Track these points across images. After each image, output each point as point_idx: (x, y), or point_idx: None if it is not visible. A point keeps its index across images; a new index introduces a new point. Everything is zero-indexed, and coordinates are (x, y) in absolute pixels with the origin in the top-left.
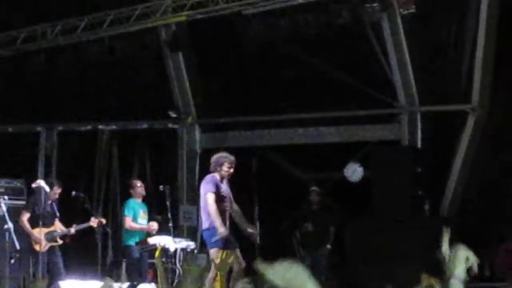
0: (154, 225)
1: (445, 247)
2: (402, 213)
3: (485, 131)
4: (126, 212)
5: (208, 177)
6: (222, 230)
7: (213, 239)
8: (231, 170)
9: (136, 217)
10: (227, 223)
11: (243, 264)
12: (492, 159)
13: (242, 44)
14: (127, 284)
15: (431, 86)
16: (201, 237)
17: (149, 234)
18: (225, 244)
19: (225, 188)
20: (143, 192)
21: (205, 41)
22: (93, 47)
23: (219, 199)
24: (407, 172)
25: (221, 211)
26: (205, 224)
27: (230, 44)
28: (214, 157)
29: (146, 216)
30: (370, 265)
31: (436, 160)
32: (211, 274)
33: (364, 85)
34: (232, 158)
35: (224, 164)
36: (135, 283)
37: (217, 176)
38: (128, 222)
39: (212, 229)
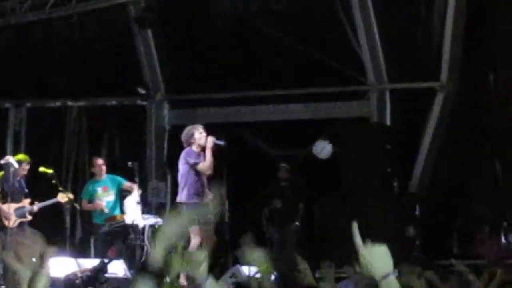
0: (101, 204)
1: (358, 243)
2: (371, 190)
3: (454, 108)
4: (82, 195)
5: (187, 150)
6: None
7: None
8: (204, 134)
9: (93, 198)
10: (204, 195)
11: (214, 238)
12: (461, 136)
13: (211, 20)
14: (97, 261)
15: (400, 63)
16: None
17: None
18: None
19: (202, 159)
20: (103, 168)
21: (175, 17)
22: (62, 23)
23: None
24: (376, 149)
25: (201, 184)
26: (180, 197)
27: (199, 20)
28: (183, 133)
29: (109, 191)
30: (338, 242)
31: (405, 138)
32: (193, 243)
33: (333, 62)
34: (200, 125)
35: (194, 133)
36: (106, 260)
37: (194, 147)
38: (82, 205)
39: (189, 205)
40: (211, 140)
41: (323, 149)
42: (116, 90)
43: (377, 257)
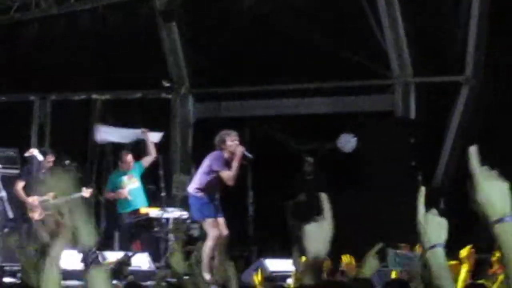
0: (124, 192)
1: (421, 210)
2: (395, 184)
3: (478, 102)
4: (106, 186)
5: (216, 154)
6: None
7: (206, 210)
8: (236, 142)
9: (118, 187)
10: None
11: (225, 232)
12: (486, 130)
13: (236, 13)
14: (121, 254)
15: (425, 56)
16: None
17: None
18: (216, 213)
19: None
20: (131, 165)
21: (200, 10)
22: (87, 16)
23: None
24: (400, 143)
25: (213, 187)
26: (190, 187)
27: (224, 14)
28: (216, 136)
29: (133, 178)
30: (361, 236)
31: (429, 131)
32: (209, 243)
33: (358, 56)
34: (234, 132)
35: (226, 140)
36: (130, 253)
37: (224, 153)
38: (106, 195)
39: (203, 198)
40: (240, 151)
41: (347, 142)
42: (141, 84)
43: (431, 226)
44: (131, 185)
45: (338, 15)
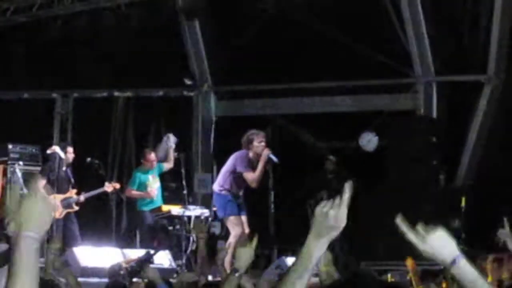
0: (153, 191)
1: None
2: (417, 183)
3: (501, 102)
4: (130, 184)
5: (242, 153)
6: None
7: (229, 208)
8: (263, 144)
9: (142, 186)
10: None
11: (247, 230)
12: (508, 130)
13: (258, 11)
14: (143, 251)
15: (447, 56)
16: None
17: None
18: (240, 210)
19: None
20: (154, 164)
21: (222, 8)
22: (109, 13)
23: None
24: (422, 142)
25: (237, 186)
26: (214, 185)
27: (246, 11)
28: (244, 136)
29: (156, 179)
30: (384, 235)
31: (451, 130)
32: (232, 241)
33: (380, 55)
34: (261, 133)
35: (254, 140)
36: (152, 251)
37: (250, 154)
38: (128, 192)
39: (227, 196)
40: (266, 154)
41: (369, 141)
42: (162, 81)
43: (437, 245)
44: (155, 185)
45: (360, 13)
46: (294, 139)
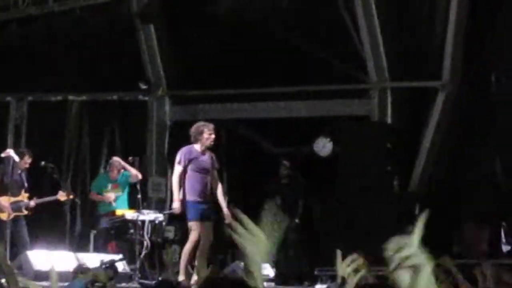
0: (111, 196)
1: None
2: (370, 189)
3: (455, 108)
4: (91, 187)
5: (183, 149)
6: (175, 205)
7: (192, 212)
8: (212, 136)
9: (101, 191)
10: (207, 193)
11: (211, 238)
12: (462, 136)
13: (214, 16)
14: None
15: (402, 61)
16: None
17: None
18: (202, 216)
19: (205, 158)
20: (118, 175)
21: (177, 12)
22: (63, 17)
23: (196, 169)
24: (377, 148)
25: (198, 181)
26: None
27: (202, 16)
28: (193, 127)
29: (118, 189)
30: (338, 240)
31: (406, 136)
32: (187, 246)
33: (335, 60)
34: (211, 125)
35: (204, 132)
36: (122, 257)
37: (196, 146)
38: (91, 196)
39: (190, 202)
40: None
41: (323, 146)
42: (117, 85)
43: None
44: (116, 193)
45: (315, 19)
46: (248, 144)
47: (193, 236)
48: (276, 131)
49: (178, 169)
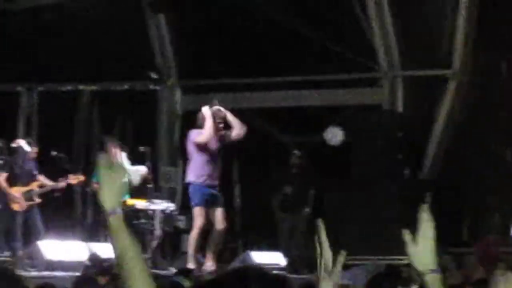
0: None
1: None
2: (381, 177)
3: (465, 96)
4: (93, 177)
5: (193, 132)
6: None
7: (196, 198)
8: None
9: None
10: (214, 176)
11: (223, 224)
12: (473, 124)
13: (225, 5)
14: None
15: (413, 50)
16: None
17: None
18: (207, 202)
19: (213, 143)
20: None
21: (188, 1)
22: (74, 6)
23: (206, 149)
24: (388, 137)
25: (207, 162)
26: (189, 177)
27: (212, 6)
28: (200, 113)
29: None
30: (349, 229)
31: (416, 125)
32: (192, 233)
33: (346, 49)
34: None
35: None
36: None
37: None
38: (93, 186)
39: (196, 185)
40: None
41: (334, 135)
42: (128, 75)
43: (422, 252)
44: None
45: (326, 8)
46: (259, 134)
47: (198, 222)
48: (287, 121)
49: (199, 138)
